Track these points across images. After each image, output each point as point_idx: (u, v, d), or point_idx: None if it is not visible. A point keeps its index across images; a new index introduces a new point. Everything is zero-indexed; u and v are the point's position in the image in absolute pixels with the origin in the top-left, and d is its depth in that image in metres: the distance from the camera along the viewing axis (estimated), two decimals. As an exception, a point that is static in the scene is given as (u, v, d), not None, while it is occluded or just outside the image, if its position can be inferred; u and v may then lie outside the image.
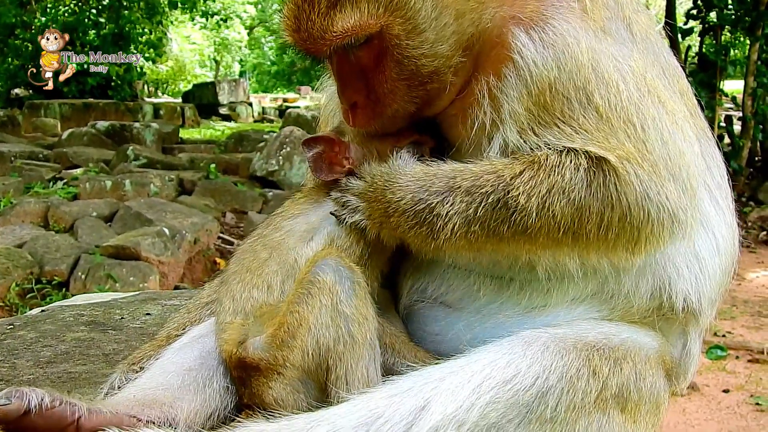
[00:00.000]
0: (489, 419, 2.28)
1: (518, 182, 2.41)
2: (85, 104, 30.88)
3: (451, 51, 2.56)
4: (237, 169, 21.13)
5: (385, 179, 2.58)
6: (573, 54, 2.43)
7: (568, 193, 2.38)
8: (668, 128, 2.47)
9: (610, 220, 2.39)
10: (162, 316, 4.45)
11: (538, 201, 2.38)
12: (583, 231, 2.41)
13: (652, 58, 2.63)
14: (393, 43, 2.53)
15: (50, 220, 14.76)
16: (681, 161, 2.46)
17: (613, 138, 2.40)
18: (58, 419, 2.38)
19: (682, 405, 8.75)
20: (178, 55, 56.26)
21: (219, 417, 2.71)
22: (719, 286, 2.80)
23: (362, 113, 2.69)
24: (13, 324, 4.29)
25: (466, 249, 2.51)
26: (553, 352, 2.41)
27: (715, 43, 21.12)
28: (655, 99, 2.49)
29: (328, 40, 2.52)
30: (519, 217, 2.40)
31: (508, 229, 2.42)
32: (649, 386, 2.56)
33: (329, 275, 2.48)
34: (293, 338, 2.46)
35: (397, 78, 2.59)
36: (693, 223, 2.52)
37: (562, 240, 2.43)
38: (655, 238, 2.44)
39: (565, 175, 2.38)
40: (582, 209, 2.38)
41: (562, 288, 2.63)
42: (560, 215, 2.38)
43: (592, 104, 2.41)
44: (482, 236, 2.45)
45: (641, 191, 2.37)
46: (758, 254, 16.18)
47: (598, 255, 2.50)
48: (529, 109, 2.45)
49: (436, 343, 2.78)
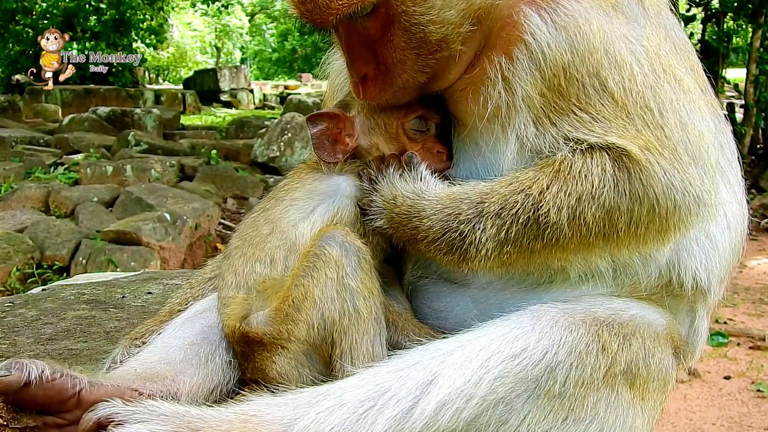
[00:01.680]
0: (497, 394, 2.26)
1: (547, 197, 2.38)
2: (86, 90, 30.87)
3: (459, 18, 2.52)
4: (238, 155, 21.13)
5: (409, 204, 2.54)
6: (585, 36, 2.39)
7: (597, 198, 2.36)
8: (686, 109, 2.44)
9: (639, 215, 2.37)
10: (164, 294, 4.43)
11: (568, 213, 2.36)
12: (614, 231, 2.39)
13: (664, 34, 2.58)
14: (400, 10, 2.49)
15: (51, 205, 14.77)
16: (701, 143, 2.43)
17: (631, 126, 2.37)
18: (58, 391, 2.37)
19: (683, 391, 8.75)
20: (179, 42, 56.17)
21: (222, 391, 2.70)
22: (728, 263, 2.78)
23: (372, 85, 2.65)
24: (13, 302, 4.27)
25: (498, 267, 2.50)
26: (562, 326, 2.39)
27: (718, 30, 21.09)
28: (671, 79, 2.45)
29: (334, 10, 2.48)
30: (551, 232, 2.38)
31: (541, 245, 2.41)
32: (657, 363, 2.53)
33: (335, 249, 2.46)
34: (298, 311, 2.44)
35: (406, 47, 2.55)
36: (716, 203, 2.49)
37: (593, 243, 2.42)
38: (683, 224, 2.43)
39: (593, 181, 2.36)
40: (612, 211, 2.37)
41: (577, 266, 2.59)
42: (592, 221, 2.37)
43: (607, 90, 2.38)
44: (515, 255, 2.44)
45: (666, 181, 2.35)
46: (760, 242, 16.18)
47: (630, 250, 2.49)
48: (543, 94, 2.42)
49: (441, 319, 2.76)
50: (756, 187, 20.07)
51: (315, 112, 2.83)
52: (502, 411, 2.26)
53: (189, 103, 35.59)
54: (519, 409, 2.27)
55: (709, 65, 11.06)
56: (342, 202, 2.70)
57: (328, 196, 2.72)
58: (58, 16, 32.89)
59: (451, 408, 2.22)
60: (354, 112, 2.80)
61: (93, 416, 2.28)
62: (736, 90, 22.34)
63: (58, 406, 2.38)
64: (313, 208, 2.70)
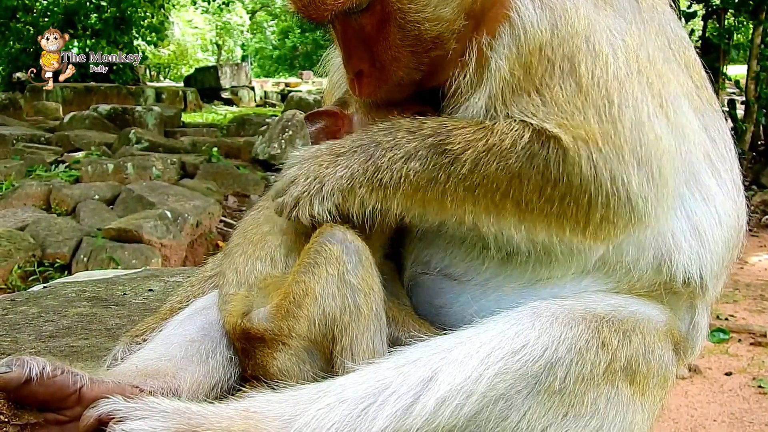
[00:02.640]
0: (497, 390, 2.26)
1: (458, 133, 2.42)
2: (87, 88, 30.86)
3: (454, 15, 2.53)
4: (239, 152, 21.13)
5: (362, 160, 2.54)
6: (569, 19, 2.39)
7: (505, 158, 2.36)
8: (650, 111, 2.41)
9: (550, 196, 2.37)
10: (164, 292, 4.43)
11: (474, 155, 2.38)
12: (523, 199, 2.39)
13: (656, 29, 2.58)
14: (395, 7, 2.50)
15: (52, 203, 14.75)
16: (654, 147, 2.39)
17: (579, 115, 2.35)
18: (59, 388, 2.36)
19: (684, 388, 8.75)
20: (180, 40, 56.10)
21: (222, 388, 2.70)
22: (722, 259, 2.76)
23: (368, 82, 2.66)
24: (15, 300, 4.27)
25: (411, 198, 2.48)
26: (562, 323, 2.39)
27: (719, 26, 21.05)
28: (643, 79, 2.43)
29: (329, 5, 2.49)
30: (454, 167, 2.39)
31: (447, 179, 2.41)
32: (657, 359, 2.54)
33: (336, 245, 2.46)
34: (299, 308, 2.44)
35: (401, 44, 2.56)
36: (659, 213, 2.45)
37: (503, 206, 2.42)
38: (611, 225, 2.41)
39: (504, 140, 2.37)
40: (520, 178, 2.37)
41: (565, 261, 2.60)
42: (494, 177, 2.37)
43: (574, 74, 2.37)
44: (423, 181, 2.43)
45: (591, 174, 2.33)
46: (760, 238, 16.17)
47: (546, 231, 2.46)
48: (512, 70, 2.42)
49: (440, 315, 2.76)
50: (757, 183, 20.07)
51: (313, 111, 2.84)
52: (502, 407, 2.26)
53: (190, 100, 35.58)
54: (519, 406, 2.28)
55: (709, 62, 10.96)
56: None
57: None
58: (58, 13, 32.83)
59: (451, 404, 2.22)
60: (352, 110, 2.80)
61: (94, 413, 2.27)
62: (737, 87, 22.31)
63: (59, 402, 2.38)
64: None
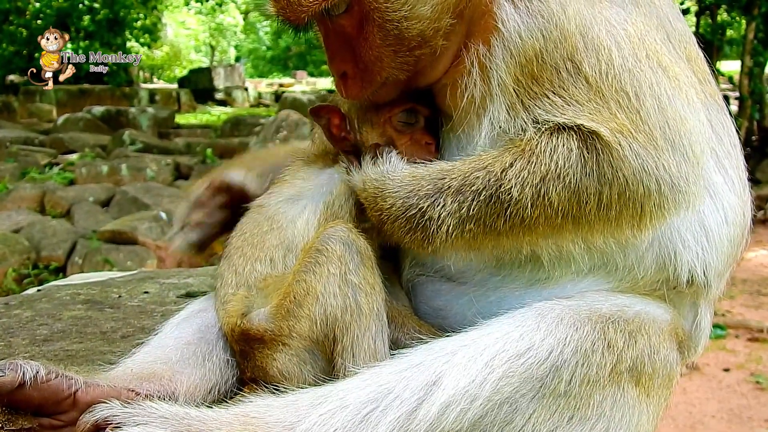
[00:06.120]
0: (502, 394, 2.22)
1: (510, 175, 2.34)
2: (81, 90, 30.86)
3: (435, 13, 2.49)
4: (233, 153, 20.92)
5: (375, 186, 2.53)
6: (558, 22, 2.36)
7: (563, 178, 2.31)
8: (668, 93, 2.38)
9: (609, 198, 2.32)
10: (160, 294, 4.39)
11: (532, 191, 2.31)
12: (583, 213, 2.34)
13: (655, 23, 2.55)
14: (372, 7, 2.48)
15: (46, 205, 14.76)
16: (681, 128, 2.37)
17: (604, 109, 2.32)
18: (54, 392, 2.34)
19: (682, 384, 8.75)
20: (174, 41, 56.09)
21: (220, 391, 2.68)
22: (727, 257, 2.72)
23: (353, 83, 2.64)
24: (9, 303, 4.22)
25: (465, 248, 2.46)
26: (567, 324, 2.35)
27: (712, 22, 21.10)
28: (653, 63, 2.40)
29: (305, 7, 2.47)
30: (515, 210, 2.33)
31: (505, 224, 2.35)
32: (662, 359, 2.50)
33: (338, 245, 2.44)
34: (300, 307, 2.41)
35: (382, 44, 2.53)
36: (697, 191, 2.43)
37: (562, 226, 2.37)
38: (658, 210, 2.37)
39: (558, 160, 2.31)
40: (579, 192, 2.31)
41: (566, 261, 2.55)
42: (557, 201, 2.31)
43: (581, 74, 2.34)
44: (479, 234, 2.39)
45: (637, 165, 2.29)
46: (756, 233, 16.19)
47: (603, 235, 2.42)
48: (517, 80, 2.39)
49: (440, 317, 2.73)
50: (752, 178, 20.08)
51: (315, 105, 2.83)
52: (507, 411, 2.22)
53: (184, 101, 35.63)
54: (524, 409, 2.24)
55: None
56: (333, 196, 2.70)
57: (321, 192, 2.73)
58: (51, 15, 32.82)
59: (455, 409, 2.18)
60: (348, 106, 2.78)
61: (90, 418, 2.24)
62: (731, 82, 22.34)
63: (54, 407, 2.35)
64: (306, 205, 2.70)
